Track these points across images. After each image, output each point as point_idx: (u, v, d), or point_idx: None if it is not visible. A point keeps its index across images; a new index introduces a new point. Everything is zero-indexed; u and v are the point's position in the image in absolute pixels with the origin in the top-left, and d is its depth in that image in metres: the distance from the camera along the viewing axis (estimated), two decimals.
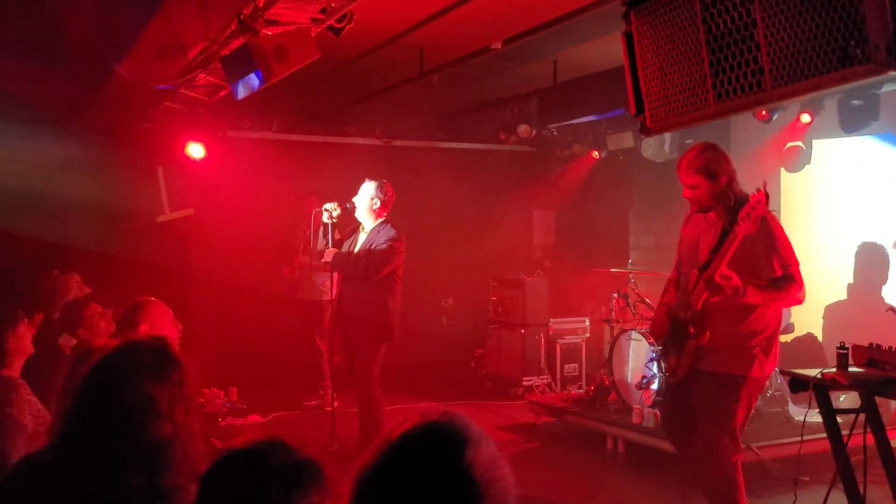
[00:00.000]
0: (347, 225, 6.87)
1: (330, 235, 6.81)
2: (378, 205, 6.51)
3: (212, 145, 8.59)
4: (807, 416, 4.83)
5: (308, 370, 8.85)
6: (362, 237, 6.56)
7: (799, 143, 7.81)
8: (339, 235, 7.06)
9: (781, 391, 6.68)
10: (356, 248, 6.53)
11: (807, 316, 7.17)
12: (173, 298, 4.06)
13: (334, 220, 6.71)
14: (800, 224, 7.78)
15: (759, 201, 4.06)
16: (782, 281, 4.28)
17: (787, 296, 4.31)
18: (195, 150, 8.40)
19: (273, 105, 9.45)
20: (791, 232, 4.48)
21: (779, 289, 4.27)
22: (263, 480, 1.63)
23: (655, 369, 6.93)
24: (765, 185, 4.09)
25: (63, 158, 8.56)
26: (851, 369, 4.02)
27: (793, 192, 8.19)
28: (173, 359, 2.39)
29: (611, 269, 8.28)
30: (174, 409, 2.28)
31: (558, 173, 10.81)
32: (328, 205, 6.67)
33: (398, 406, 6.78)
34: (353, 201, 6.56)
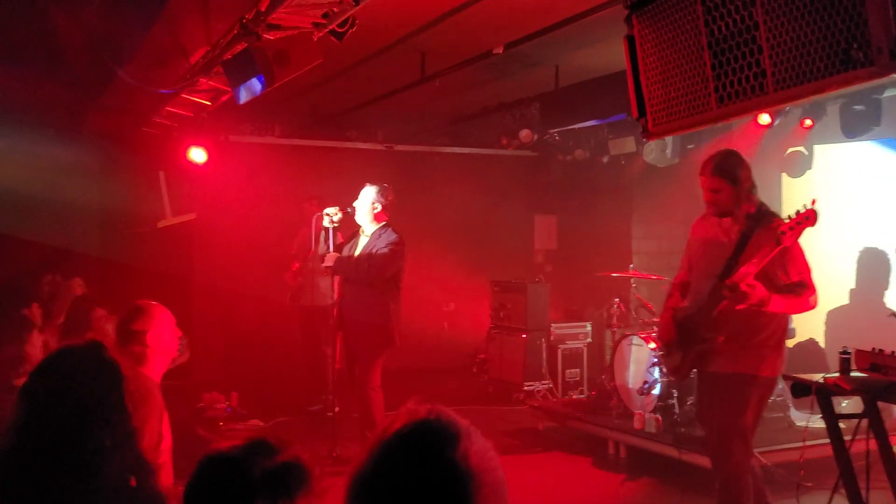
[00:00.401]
0: (349, 229, 6.86)
1: (331, 240, 6.80)
2: (379, 209, 6.51)
3: (214, 150, 8.58)
4: (809, 422, 4.81)
5: (311, 375, 8.83)
6: (363, 241, 6.55)
7: (800, 149, 7.81)
8: (342, 239, 7.05)
9: (783, 396, 6.65)
10: (356, 253, 6.53)
11: (808, 321, 7.14)
12: (175, 303, 4.03)
13: (335, 225, 6.70)
14: None
15: (809, 217, 4.03)
16: (799, 287, 4.31)
17: (804, 302, 4.34)
18: (197, 155, 8.39)
19: (275, 110, 9.46)
20: None
21: (798, 295, 4.31)
22: (245, 491, 1.60)
23: (657, 374, 6.92)
24: (813, 203, 4.05)
25: (65, 163, 8.57)
26: (854, 374, 4.01)
27: (794, 198, 8.16)
28: (110, 363, 2.34)
29: (612, 274, 8.26)
30: (111, 415, 2.24)
31: (560, 178, 10.81)
32: (329, 209, 6.66)
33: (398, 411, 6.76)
34: (354, 206, 6.56)
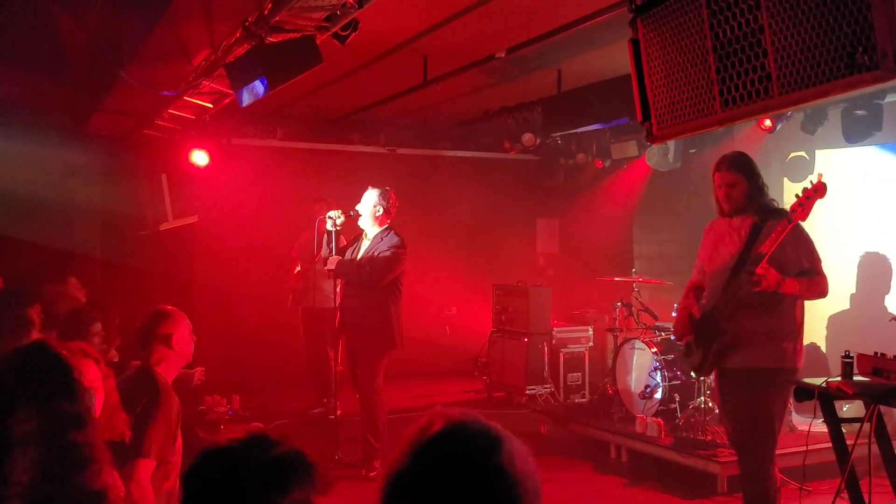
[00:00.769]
0: (352, 232, 6.87)
1: (334, 243, 6.81)
2: (381, 212, 6.51)
3: (216, 153, 8.59)
4: (811, 426, 4.81)
5: (312, 378, 8.83)
6: (365, 244, 6.56)
7: (802, 153, 7.81)
8: (345, 242, 7.05)
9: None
10: (359, 256, 6.53)
11: (810, 325, 7.13)
12: (176, 305, 4.03)
13: (338, 228, 6.70)
14: None
15: (818, 190, 4.20)
16: (811, 273, 4.38)
17: (818, 287, 4.41)
18: (199, 158, 8.40)
19: (278, 113, 9.47)
20: None
21: (811, 278, 4.38)
22: (241, 483, 1.60)
23: (659, 378, 6.92)
24: (820, 177, 4.21)
25: (67, 165, 8.58)
26: (856, 378, 4.01)
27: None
28: (50, 353, 2.33)
29: (615, 278, 8.26)
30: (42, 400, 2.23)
31: (562, 182, 10.81)
32: (332, 212, 6.67)
33: (401, 414, 6.77)
34: (357, 209, 6.57)
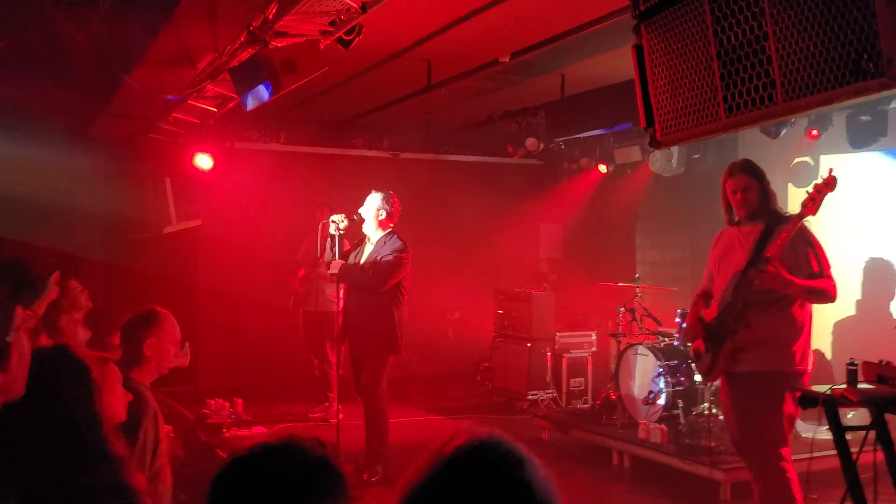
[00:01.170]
0: (355, 237, 6.87)
1: (337, 247, 6.80)
2: (384, 216, 6.51)
3: (220, 156, 8.60)
4: (815, 433, 4.80)
5: (314, 382, 8.83)
6: (368, 248, 6.55)
7: (807, 159, 7.79)
8: (349, 246, 7.05)
9: None
10: (362, 260, 6.53)
11: (814, 332, 7.10)
12: (179, 309, 4.02)
13: (341, 232, 6.70)
14: None
15: (828, 184, 4.22)
16: (820, 276, 4.39)
17: (826, 290, 4.41)
18: (203, 162, 8.41)
19: (281, 117, 9.48)
20: None
21: (819, 281, 4.38)
22: (271, 492, 1.58)
23: (662, 384, 6.90)
24: (830, 171, 4.23)
25: (72, 169, 8.58)
26: (861, 386, 3.99)
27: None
28: (73, 359, 2.31)
29: (617, 284, 8.26)
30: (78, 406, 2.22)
31: (565, 187, 10.81)
32: (335, 216, 6.66)
33: (404, 419, 6.75)
34: (360, 212, 6.56)
